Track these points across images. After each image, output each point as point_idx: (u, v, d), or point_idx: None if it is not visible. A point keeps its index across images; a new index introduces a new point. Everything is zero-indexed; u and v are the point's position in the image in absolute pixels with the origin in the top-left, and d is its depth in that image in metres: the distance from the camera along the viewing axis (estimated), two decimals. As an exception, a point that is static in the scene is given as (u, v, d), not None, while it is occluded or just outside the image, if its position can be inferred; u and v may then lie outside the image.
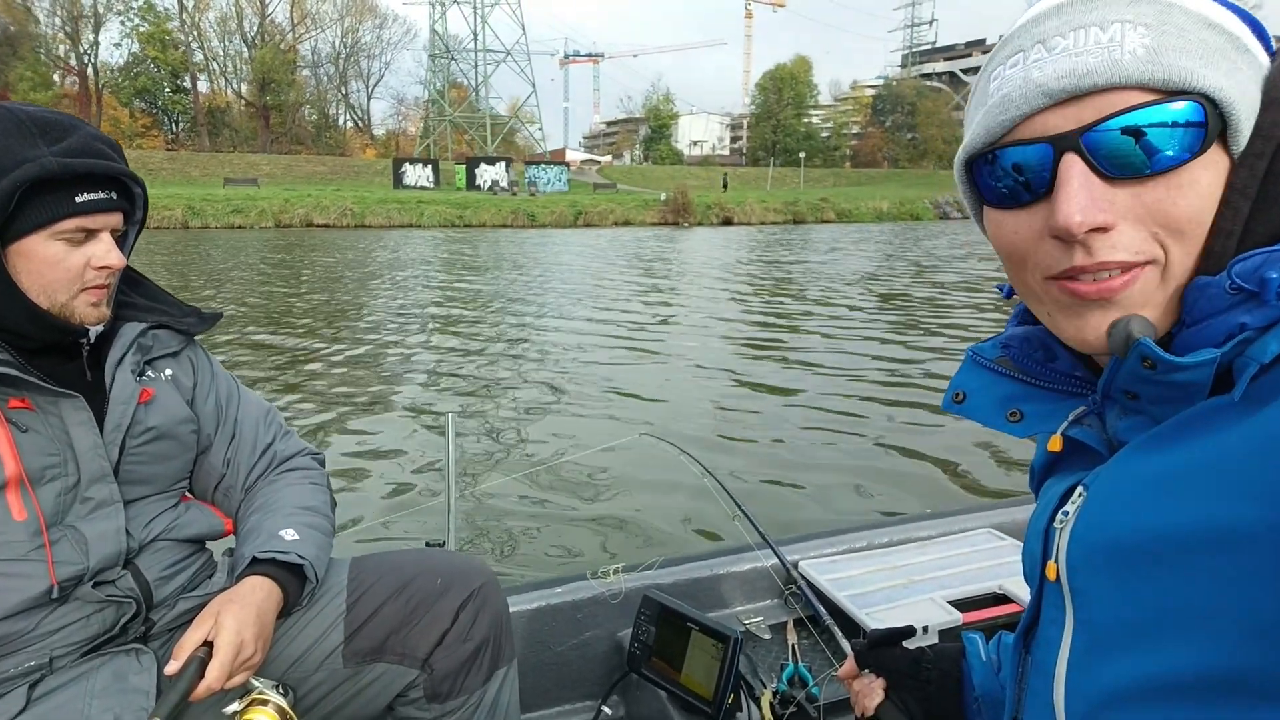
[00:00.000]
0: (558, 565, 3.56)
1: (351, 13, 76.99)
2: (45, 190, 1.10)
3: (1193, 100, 0.54)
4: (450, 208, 39.47)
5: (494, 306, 11.86)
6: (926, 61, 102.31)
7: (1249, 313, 0.53)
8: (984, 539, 2.07)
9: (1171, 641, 0.55)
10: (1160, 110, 0.54)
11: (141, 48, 66.10)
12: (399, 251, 22.68)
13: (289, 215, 36.27)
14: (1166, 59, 0.54)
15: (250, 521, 1.35)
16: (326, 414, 6.00)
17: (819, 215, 46.08)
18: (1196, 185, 0.55)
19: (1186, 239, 0.56)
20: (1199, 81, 0.54)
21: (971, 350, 0.77)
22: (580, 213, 40.92)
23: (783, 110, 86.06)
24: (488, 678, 1.41)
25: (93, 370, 1.25)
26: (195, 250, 22.69)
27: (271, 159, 58.07)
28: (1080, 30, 0.57)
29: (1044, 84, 0.57)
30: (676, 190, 44.66)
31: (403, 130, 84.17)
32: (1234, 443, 0.53)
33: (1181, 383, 0.56)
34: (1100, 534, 0.61)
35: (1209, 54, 0.56)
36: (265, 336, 9.26)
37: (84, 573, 1.16)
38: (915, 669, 1.03)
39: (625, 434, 5.02)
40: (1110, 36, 0.55)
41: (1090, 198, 0.56)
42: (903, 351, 8.35)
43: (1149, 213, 0.56)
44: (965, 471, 4.81)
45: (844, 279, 15.44)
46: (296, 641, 1.34)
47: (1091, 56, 0.56)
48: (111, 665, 1.18)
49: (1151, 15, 0.56)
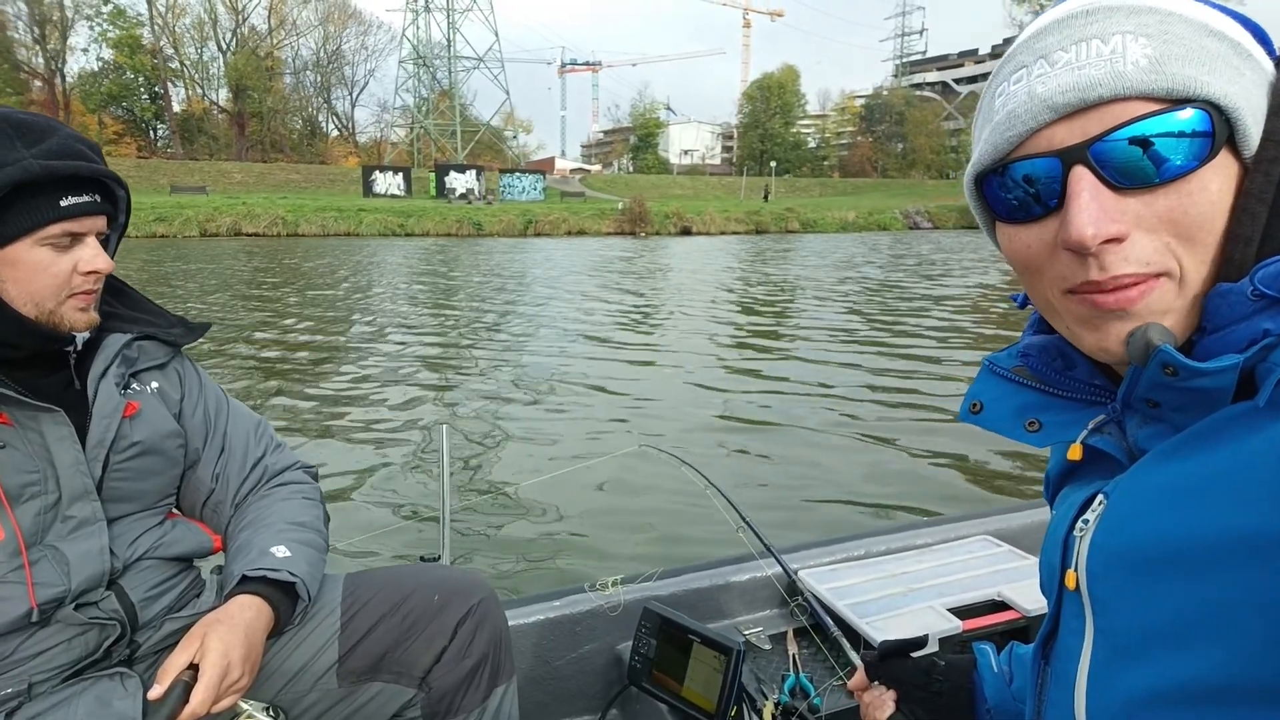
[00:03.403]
0: (555, 578, 3.52)
1: (332, 19, 76.75)
2: (28, 195, 1.07)
3: (1198, 108, 0.55)
4: (392, 215, 38.45)
5: (482, 317, 11.80)
6: (919, 71, 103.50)
7: (1272, 319, 0.53)
8: (981, 546, 2.07)
9: (1193, 649, 0.54)
10: (1166, 119, 0.54)
11: (112, 53, 65.34)
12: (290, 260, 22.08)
13: (215, 224, 35.11)
14: (1170, 68, 0.55)
15: (240, 538, 1.31)
16: (315, 428, 5.93)
17: (783, 226, 45.03)
18: (1207, 191, 0.55)
19: (1199, 247, 0.56)
20: (1203, 89, 0.54)
21: (988, 360, 0.76)
22: (531, 222, 39.97)
23: (770, 119, 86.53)
24: (487, 695, 1.38)
25: (78, 382, 1.21)
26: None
27: (245, 167, 57.26)
28: (1082, 43, 0.57)
29: (1048, 98, 0.57)
30: (633, 199, 43.66)
31: (385, 138, 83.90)
32: (1258, 451, 0.52)
33: (1204, 389, 0.55)
34: (1121, 542, 0.61)
35: (1211, 61, 0.56)
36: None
37: (65, 594, 1.12)
38: (926, 681, 1.03)
39: (621, 446, 4.99)
40: (1112, 48, 0.56)
41: (1101, 209, 0.56)
42: (891, 361, 8.38)
43: (1161, 221, 0.56)
44: (960, 478, 4.82)
45: (829, 287, 15.51)
46: (289, 661, 1.30)
47: (1095, 69, 0.56)
48: (94, 690, 1.14)
49: (1153, 25, 0.56)
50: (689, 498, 4.04)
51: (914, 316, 11.71)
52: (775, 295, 14.45)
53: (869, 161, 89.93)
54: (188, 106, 71.16)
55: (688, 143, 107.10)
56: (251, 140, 70.78)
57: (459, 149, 71.19)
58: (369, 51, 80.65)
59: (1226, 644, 0.52)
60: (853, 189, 69.24)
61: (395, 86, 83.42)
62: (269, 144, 71.45)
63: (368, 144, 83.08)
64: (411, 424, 6.01)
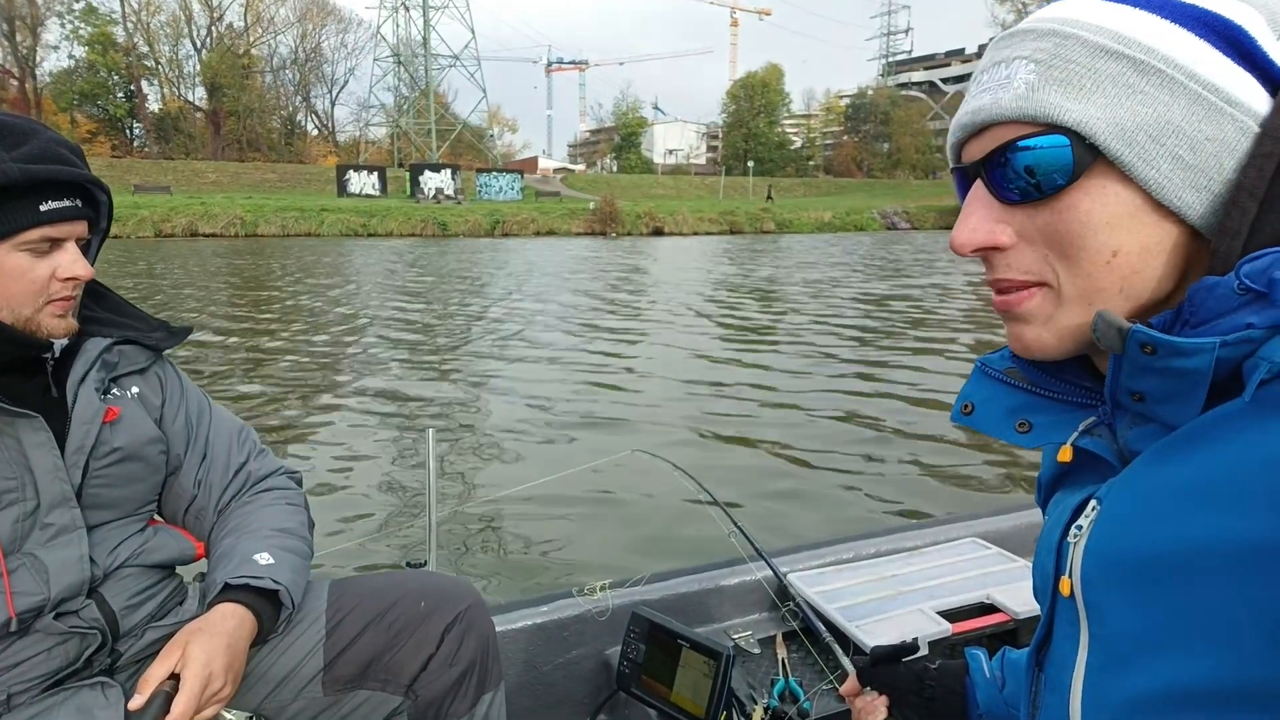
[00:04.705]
0: (543, 584, 3.50)
1: (310, 16, 76.08)
2: (6, 199, 1.04)
3: (1058, 133, 0.58)
4: (355, 216, 37.84)
5: (465, 320, 11.73)
6: (905, 70, 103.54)
7: (1256, 313, 0.53)
8: (970, 549, 2.08)
9: (1189, 656, 0.54)
10: (1033, 143, 0.59)
11: (84, 51, 64.28)
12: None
13: (171, 224, 34.45)
14: (1038, 95, 0.58)
15: (223, 545, 1.28)
16: (299, 433, 5.87)
17: (758, 226, 44.47)
18: (1075, 210, 0.58)
19: (1072, 263, 0.60)
20: (1061, 116, 0.57)
21: (980, 361, 0.77)
22: (498, 222, 39.36)
23: (754, 119, 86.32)
24: (474, 702, 1.36)
25: (56, 388, 1.19)
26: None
27: (219, 166, 56.51)
28: (996, 66, 0.62)
29: (960, 118, 0.64)
30: (603, 199, 42.98)
31: (364, 136, 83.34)
32: (1249, 452, 0.52)
33: (1183, 370, 0.55)
34: (1116, 547, 0.60)
35: (1095, 84, 0.57)
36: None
37: (44, 603, 1.10)
38: (919, 686, 1.02)
39: (610, 449, 4.96)
40: (1008, 74, 0.60)
41: (982, 220, 0.62)
42: (879, 365, 8.42)
43: (1040, 234, 0.60)
44: (949, 481, 4.84)
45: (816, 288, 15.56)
46: (273, 669, 1.28)
47: (987, 94, 0.61)
48: (75, 700, 1.12)
49: (1047, 50, 0.59)
50: (678, 501, 4.05)
51: (901, 316, 11.79)
52: (760, 298, 14.48)
53: (854, 161, 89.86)
54: (164, 105, 70.28)
55: (672, 142, 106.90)
56: (228, 139, 69.96)
57: (433, 148, 70.76)
58: (349, 49, 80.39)
59: (1223, 650, 0.52)
60: (837, 189, 69.08)
61: (370, 84, 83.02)
62: (245, 143, 70.62)
63: (347, 143, 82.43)
64: (398, 429, 5.97)
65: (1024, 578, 1.88)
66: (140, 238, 32.66)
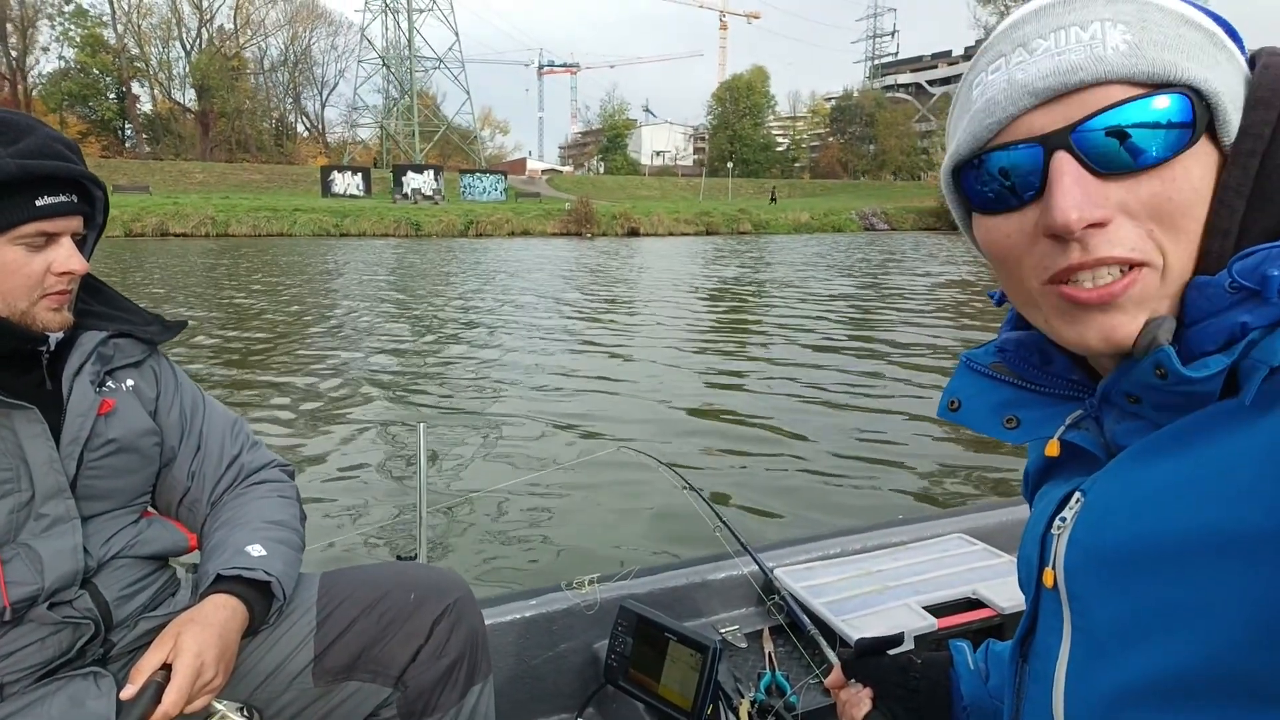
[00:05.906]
0: (532, 577, 3.49)
1: (299, 19, 75.80)
2: (3, 194, 1.06)
3: (1178, 92, 0.55)
4: (327, 216, 37.40)
5: (457, 317, 11.71)
6: (892, 72, 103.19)
7: (1250, 311, 0.53)
8: (955, 544, 2.09)
9: (1171, 647, 0.54)
10: (1147, 103, 0.55)
11: (74, 53, 63.87)
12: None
13: (141, 224, 34.00)
14: (1149, 53, 0.55)
15: (215, 537, 1.30)
16: (291, 426, 5.85)
17: (734, 227, 43.93)
18: (1189, 177, 0.55)
19: (1181, 235, 0.56)
20: (1183, 74, 0.55)
21: (965, 356, 0.75)
22: (471, 223, 38.96)
23: (739, 120, 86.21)
24: (463, 694, 1.37)
25: (52, 380, 1.20)
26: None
27: (207, 166, 56.02)
28: (1061, 31, 0.57)
29: (1029, 84, 0.57)
30: (579, 199, 42.40)
31: (352, 137, 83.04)
32: (1240, 448, 0.52)
33: (1190, 392, 0.55)
34: (1099, 540, 0.60)
35: (1189, 48, 0.56)
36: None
37: (38, 593, 1.10)
38: (903, 678, 1.02)
39: (597, 445, 4.96)
40: (1091, 34, 0.56)
41: (1084, 193, 0.55)
42: (865, 359, 8.44)
43: (1144, 207, 0.55)
44: (935, 477, 4.86)
45: (800, 285, 15.60)
46: (264, 660, 1.29)
47: (1075, 54, 0.56)
48: (68, 690, 1.12)
49: (1130, 13, 0.56)
50: (665, 497, 4.05)
51: (888, 313, 11.81)
52: (745, 295, 14.48)
53: (839, 163, 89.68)
54: (154, 106, 69.85)
55: (659, 144, 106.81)
56: (217, 140, 69.56)
57: (416, 149, 70.56)
58: (338, 52, 79.96)
59: (1206, 641, 0.52)
60: (822, 190, 68.68)
61: (354, 85, 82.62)
62: (235, 144, 70.25)
63: (337, 144, 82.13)
64: (388, 423, 5.96)
65: (1009, 573, 1.89)
66: (109, 237, 32.10)
